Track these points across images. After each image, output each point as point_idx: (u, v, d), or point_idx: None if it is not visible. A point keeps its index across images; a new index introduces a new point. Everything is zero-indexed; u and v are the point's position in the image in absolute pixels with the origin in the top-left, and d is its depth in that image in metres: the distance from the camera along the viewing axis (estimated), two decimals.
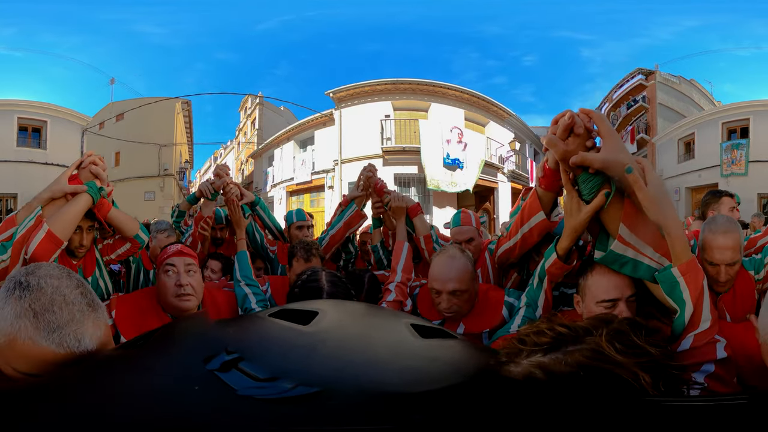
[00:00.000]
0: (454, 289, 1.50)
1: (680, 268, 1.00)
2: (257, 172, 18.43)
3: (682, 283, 1.01)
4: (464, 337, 1.41)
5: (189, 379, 0.63)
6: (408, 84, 13.49)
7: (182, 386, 0.62)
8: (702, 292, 1.02)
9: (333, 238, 2.42)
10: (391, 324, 1.00)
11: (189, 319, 1.28)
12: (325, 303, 1.17)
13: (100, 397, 0.62)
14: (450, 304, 1.51)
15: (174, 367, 0.71)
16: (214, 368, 0.63)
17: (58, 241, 1.41)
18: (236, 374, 0.61)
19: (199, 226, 2.36)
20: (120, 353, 0.93)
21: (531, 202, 1.29)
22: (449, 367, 0.77)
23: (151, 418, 0.55)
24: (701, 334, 1.02)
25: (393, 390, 0.62)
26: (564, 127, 1.02)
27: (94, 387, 0.67)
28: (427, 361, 0.77)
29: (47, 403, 0.62)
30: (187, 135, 18.43)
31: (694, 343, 1.02)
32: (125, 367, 0.75)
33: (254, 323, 1.01)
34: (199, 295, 1.59)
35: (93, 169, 1.54)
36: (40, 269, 0.79)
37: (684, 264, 1.00)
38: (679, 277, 1.01)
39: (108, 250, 1.85)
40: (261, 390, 0.58)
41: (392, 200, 2.15)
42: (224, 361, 0.64)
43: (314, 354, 0.73)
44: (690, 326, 1.03)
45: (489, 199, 14.73)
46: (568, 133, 1.02)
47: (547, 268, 1.27)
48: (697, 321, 1.02)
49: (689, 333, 1.02)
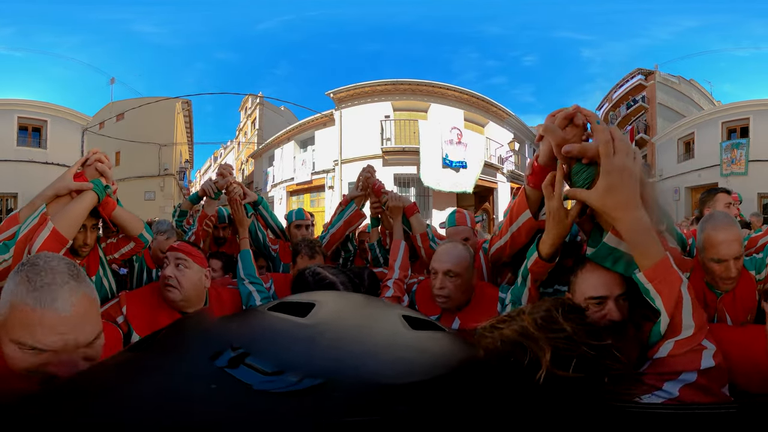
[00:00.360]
0: (448, 269, 1.59)
1: (646, 273, 0.91)
2: (257, 172, 18.44)
3: (652, 290, 0.93)
4: (456, 331, 1.46)
5: (202, 377, 0.63)
6: (408, 84, 13.52)
7: (197, 385, 0.61)
8: (679, 298, 0.93)
9: (333, 236, 2.47)
10: (385, 315, 1.00)
11: (193, 317, 1.30)
12: (321, 294, 1.17)
13: (116, 402, 0.61)
14: (443, 284, 1.60)
15: (185, 366, 0.70)
16: (222, 365, 0.62)
17: (64, 240, 1.39)
18: (246, 370, 0.61)
19: (203, 223, 2.39)
20: (130, 356, 0.93)
21: (519, 201, 1.27)
22: (436, 359, 0.77)
23: (170, 421, 0.55)
24: (683, 342, 0.94)
25: (386, 382, 0.62)
26: (565, 116, 0.97)
27: (109, 392, 0.66)
28: (416, 352, 0.78)
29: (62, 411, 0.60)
30: (188, 135, 18.43)
31: (674, 350, 0.94)
32: (137, 370, 0.74)
33: (255, 317, 1.01)
34: (185, 289, 1.60)
35: (99, 166, 1.52)
36: (41, 254, 0.93)
37: (650, 269, 0.91)
38: (648, 283, 0.92)
39: (111, 248, 1.83)
40: (273, 384, 0.58)
41: (389, 200, 2.20)
42: (231, 357, 0.64)
43: (314, 346, 0.73)
44: (670, 332, 0.95)
45: (488, 200, 14.75)
46: (567, 122, 0.98)
47: (529, 267, 1.24)
48: (677, 328, 0.94)
49: (669, 339, 0.95)
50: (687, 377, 0.92)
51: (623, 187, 0.86)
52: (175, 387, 0.63)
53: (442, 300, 1.63)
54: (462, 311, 1.68)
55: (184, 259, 1.63)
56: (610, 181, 0.86)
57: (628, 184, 0.86)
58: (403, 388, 0.61)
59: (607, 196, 0.87)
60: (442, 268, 1.61)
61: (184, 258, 1.63)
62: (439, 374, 0.68)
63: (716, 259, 1.56)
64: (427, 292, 1.79)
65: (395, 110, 13.62)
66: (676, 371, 0.93)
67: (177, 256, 1.63)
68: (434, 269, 1.64)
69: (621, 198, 0.87)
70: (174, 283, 1.58)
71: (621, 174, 0.85)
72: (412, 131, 13.20)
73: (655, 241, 0.91)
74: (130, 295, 1.66)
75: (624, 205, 0.87)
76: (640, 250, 0.91)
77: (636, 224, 0.89)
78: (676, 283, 0.92)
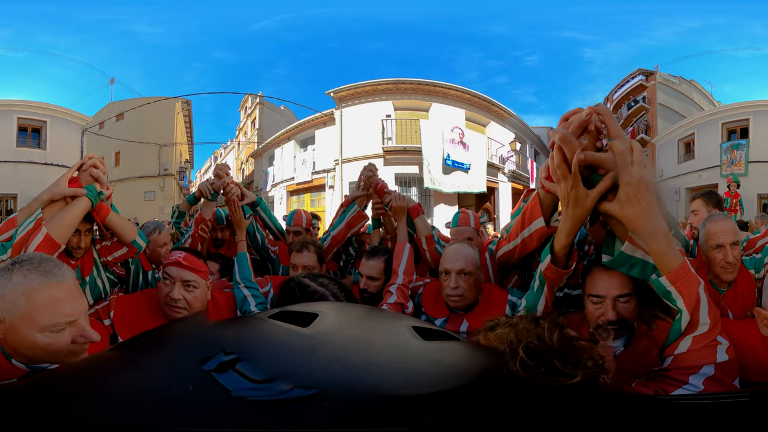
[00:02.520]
0: (462, 269, 1.61)
1: (668, 277, 0.98)
2: (257, 171, 18.43)
3: (674, 292, 0.99)
4: (467, 337, 1.44)
5: (184, 379, 0.63)
6: (409, 84, 13.48)
7: (176, 386, 0.62)
8: (698, 299, 1.00)
9: (335, 238, 2.41)
10: (392, 326, 1.00)
11: (187, 320, 1.27)
12: (325, 305, 1.17)
13: (92, 396, 0.62)
14: (457, 284, 1.61)
15: (169, 367, 0.71)
16: (210, 369, 0.63)
17: (56, 244, 1.43)
18: (232, 375, 0.61)
19: (199, 227, 2.33)
20: (115, 353, 0.93)
21: (532, 207, 1.27)
22: (450, 370, 0.77)
23: (141, 418, 0.55)
24: (700, 337, 1.02)
25: (393, 393, 0.61)
26: (579, 124, 0.96)
27: (87, 386, 0.67)
28: (428, 363, 0.77)
29: (38, 401, 0.62)
30: (187, 135, 18.44)
31: (692, 345, 1.02)
32: (119, 366, 0.76)
33: (253, 324, 1.01)
34: (194, 308, 1.53)
35: (93, 172, 1.54)
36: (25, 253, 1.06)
37: (672, 273, 0.97)
38: (670, 286, 0.99)
39: (105, 251, 1.85)
40: (256, 392, 0.58)
41: (393, 200, 2.13)
42: (221, 362, 0.64)
43: (313, 356, 0.72)
44: (689, 329, 1.03)
45: (489, 200, 14.73)
46: (582, 130, 0.97)
47: (543, 271, 1.22)
48: (695, 324, 1.02)
49: (688, 335, 1.03)
50: (707, 371, 1.00)
51: (642, 198, 0.89)
52: (154, 386, 0.63)
53: (456, 299, 1.63)
54: (470, 313, 1.67)
55: (194, 280, 1.52)
56: (629, 193, 0.89)
57: (646, 194, 0.89)
58: (409, 400, 0.60)
59: (628, 207, 0.90)
60: (456, 268, 1.62)
61: (194, 279, 1.53)
62: (456, 385, 0.67)
63: (715, 245, 1.73)
64: (433, 295, 1.77)
65: (396, 109, 13.60)
66: (697, 365, 1.01)
67: (185, 277, 1.51)
68: (447, 270, 1.65)
69: (640, 208, 0.90)
70: (183, 306, 1.50)
71: (639, 185, 0.88)
72: (414, 131, 13.17)
73: (674, 246, 0.96)
74: (121, 301, 1.62)
75: (644, 215, 0.91)
76: (661, 256, 0.95)
77: (656, 232, 0.93)
78: (695, 285, 0.99)
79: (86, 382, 0.70)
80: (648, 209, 0.91)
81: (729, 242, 1.73)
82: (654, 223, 0.92)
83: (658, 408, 0.71)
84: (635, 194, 0.89)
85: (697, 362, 1.01)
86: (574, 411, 0.66)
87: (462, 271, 1.62)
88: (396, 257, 1.95)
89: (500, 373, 0.70)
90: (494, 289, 1.76)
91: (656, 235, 0.93)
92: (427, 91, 13.62)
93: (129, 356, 0.83)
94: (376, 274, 1.90)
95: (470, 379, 0.72)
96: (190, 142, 18.64)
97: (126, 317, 1.52)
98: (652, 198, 0.91)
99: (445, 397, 0.63)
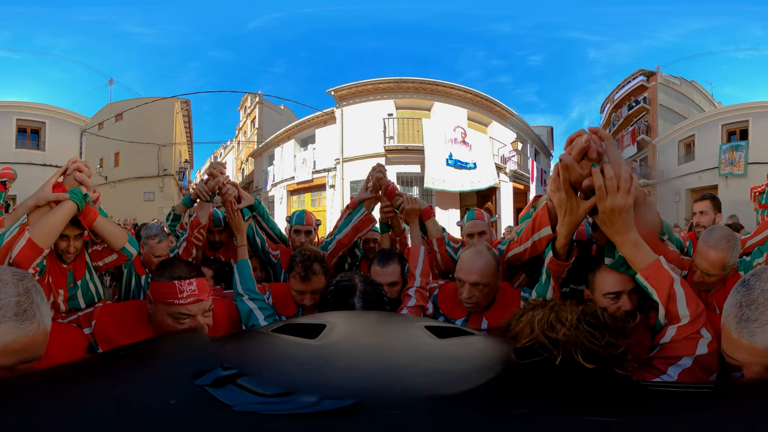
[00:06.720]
0: (476, 281, 1.63)
1: (642, 273, 1.17)
2: (257, 171, 18.39)
3: (649, 287, 1.17)
4: (484, 332, 1.57)
5: (168, 394, 0.60)
6: (411, 83, 13.45)
7: (157, 401, 0.59)
8: (671, 293, 1.14)
9: (340, 242, 2.29)
10: (405, 329, 1.00)
11: (182, 333, 1.20)
12: (332, 315, 1.11)
13: (62, 408, 0.58)
14: (470, 294, 1.64)
15: (153, 380, 0.67)
16: (204, 384, 0.60)
17: (39, 249, 1.41)
18: (233, 390, 0.59)
19: (195, 232, 2.23)
20: (95, 362, 0.88)
21: (541, 215, 1.40)
22: (472, 364, 0.77)
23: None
24: (682, 328, 1.12)
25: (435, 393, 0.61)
26: (579, 150, 1.08)
27: (56, 397, 0.62)
28: (449, 360, 0.77)
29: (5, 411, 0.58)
30: (187, 135, 18.41)
31: (676, 335, 1.13)
32: (96, 376, 0.72)
33: (255, 339, 0.98)
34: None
35: (77, 176, 1.52)
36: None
37: (643, 269, 1.16)
38: (644, 281, 1.17)
39: (96, 256, 1.81)
40: (271, 406, 0.56)
41: (405, 203, 2.09)
42: (218, 376, 0.61)
43: (327, 366, 0.70)
44: (671, 320, 1.15)
45: (491, 199, 14.68)
46: (582, 155, 1.08)
47: (547, 265, 1.40)
48: (674, 316, 1.14)
49: (672, 325, 1.14)
50: (685, 362, 1.10)
51: (615, 221, 1.11)
52: (131, 400, 0.60)
53: (470, 305, 1.68)
54: (488, 311, 1.70)
55: (210, 303, 1.33)
56: (604, 218, 1.12)
57: (619, 218, 1.10)
58: (457, 397, 0.60)
59: (604, 226, 1.14)
60: (470, 280, 1.63)
61: (210, 302, 1.33)
62: (484, 381, 0.67)
63: (702, 266, 1.84)
64: (449, 296, 1.79)
65: (398, 108, 13.57)
66: (677, 356, 1.11)
67: (203, 307, 1.29)
68: (461, 280, 1.66)
69: (614, 228, 1.13)
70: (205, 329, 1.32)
71: (611, 212, 1.09)
72: (416, 130, 13.12)
73: (643, 250, 1.16)
74: (106, 310, 1.46)
75: (617, 232, 1.14)
76: (632, 258, 1.17)
77: (627, 242, 1.15)
78: (666, 280, 1.14)
79: (54, 389, 0.65)
80: (620, 228, 1.12)
81: (707, 272, 1.78)
82: (626, 237, 1.14)
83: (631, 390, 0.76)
84: (608, 218, 1.11)
85: (678, 353, 1.11)
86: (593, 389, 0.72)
87: (476, 284, 1.63)
88: (411, 260, 1.91)
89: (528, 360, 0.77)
90: (508, 287, 1.80)
91: (628, 245, 1.16)
92: (429, 90, 13.58)
93: (108, 366, 0.78)
94: (396, 279, 1.85)
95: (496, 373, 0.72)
96: (189, 142, 18.62)
97: (109, 327, 1.38)
98: (625, 219, 1.11)
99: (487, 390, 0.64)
